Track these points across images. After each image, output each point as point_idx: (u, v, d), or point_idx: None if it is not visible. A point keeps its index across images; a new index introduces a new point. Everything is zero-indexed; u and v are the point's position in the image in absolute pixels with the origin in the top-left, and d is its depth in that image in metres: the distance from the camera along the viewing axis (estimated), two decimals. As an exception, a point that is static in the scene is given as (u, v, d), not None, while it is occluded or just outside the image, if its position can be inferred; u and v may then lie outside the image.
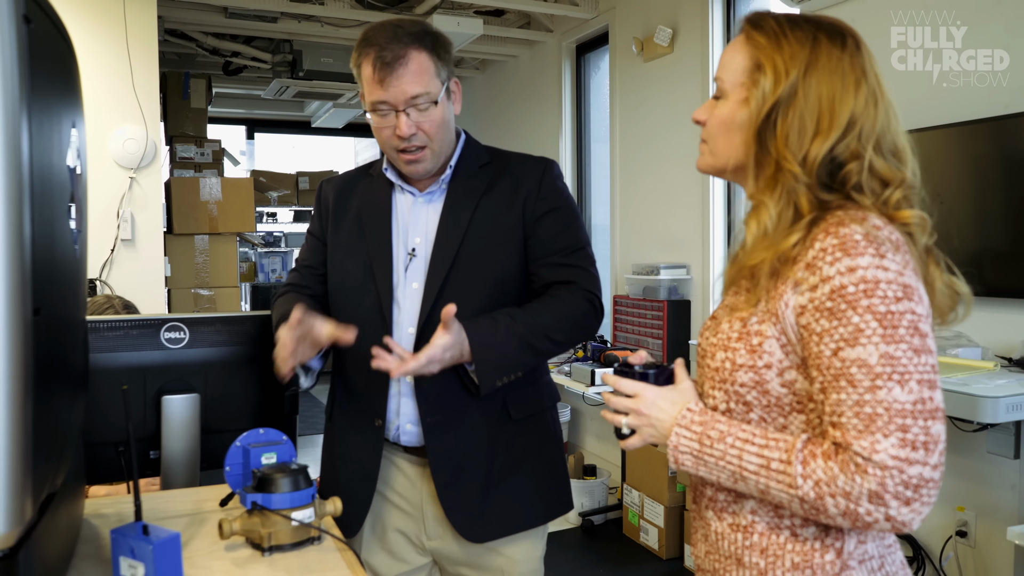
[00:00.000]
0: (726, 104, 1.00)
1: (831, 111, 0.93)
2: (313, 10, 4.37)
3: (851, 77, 0.95)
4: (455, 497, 1.43)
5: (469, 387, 1.41)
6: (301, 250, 1.63)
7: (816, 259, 0.89)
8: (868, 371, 0.85)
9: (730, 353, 0.96)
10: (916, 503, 0.83)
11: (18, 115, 0.65)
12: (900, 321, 0.85)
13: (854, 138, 0.93)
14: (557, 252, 1.46)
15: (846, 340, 0.86)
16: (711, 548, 1.03)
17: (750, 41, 0.99)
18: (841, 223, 0.89)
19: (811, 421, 0.93)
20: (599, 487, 3.89)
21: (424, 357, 1.30)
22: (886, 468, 0.82)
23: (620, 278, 4.26)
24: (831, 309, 0.87)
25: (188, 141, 4.78)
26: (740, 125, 0.98)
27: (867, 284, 0.86)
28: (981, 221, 2.42)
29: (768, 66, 0.95)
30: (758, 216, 0.95)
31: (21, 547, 0.69)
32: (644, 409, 1.00)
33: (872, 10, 2.79)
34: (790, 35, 0.96)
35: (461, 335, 1.33)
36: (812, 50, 0.95)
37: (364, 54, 1.38)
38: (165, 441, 1.35)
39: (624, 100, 4.25)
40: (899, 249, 0.89)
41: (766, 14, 1.01)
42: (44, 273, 0.74)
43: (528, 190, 1.47)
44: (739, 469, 0.92)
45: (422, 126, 1.39)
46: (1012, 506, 2.36)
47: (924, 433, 0.83)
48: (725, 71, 1.01)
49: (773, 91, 0.94)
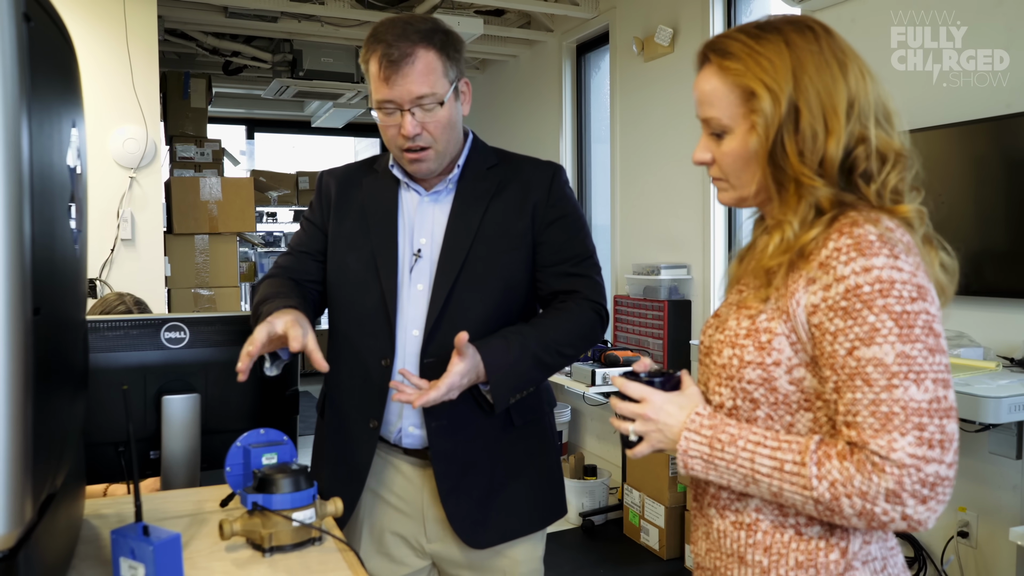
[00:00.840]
0: (734, 138, 0.97)
1: (832, 106, 0.92)
2: (313, 10, 4.37)
3: (834, 63, 0.94)
4: (458, 503, 1.42)
5: (483, 405, 1.40)
6: (296, 235, 1.58)
7: (830, 258, 0.89)
8: (884, 370, 0.85)
9: (738, 350, 0.96)
10: (932, 501, 0.83)
11: (18, 114, 0.64)
12: (916, 321, 0.85)
13: (856, 120, 0.93)
14: (566, 261, 1.45)
15: (861, 339, 0.86)
16: (712, 546, 1.02)
17: (725, 71, 0.96)
18: (855, 223, 0.89)
19: (818, 419, 0.93)
20: (599, 487, 3.88)
21: (444, 386, 1.28)
22: (904, 466, 0.82)
23: (620, 278, 4.25)
24: (846, 308, 0.87)
25: (188, 141, 4.78)
26: (756, 154, 0.96)
27: (882, 284, 0.86)
28: (982, 221, 2.42)
29: (760, 89, 0.93)
30: (781, 231, 0.94)
31: (21, 548, 0.69)
32: (651, 414, 0.99)
33: (872, 10, 2.79)
34: (762, 48, 0.94)
35: (476, 359, 1.31)
36: (791, 54, 0.93)
37: (372, 51, 1.36)
38: (165, 441, 1.34)
39: (624, 100, 4.24)
40: (911, 251, 0.89)
41: (723, 38, 0.98)
42: (44, 273, 0.73)
43: (538, 196, 1.45)
44: (751, 472, 0.91)
45: (427, 126, 1.37)
46: (1014, 506, 2.36)
47: (940, 432, 0.83)
48: (714, 108, 0.98)
49: (775, 111, 0.92)
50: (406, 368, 1.38)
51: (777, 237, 0.94)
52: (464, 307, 1.38)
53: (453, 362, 1.30)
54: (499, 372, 1.33)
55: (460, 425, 1.42)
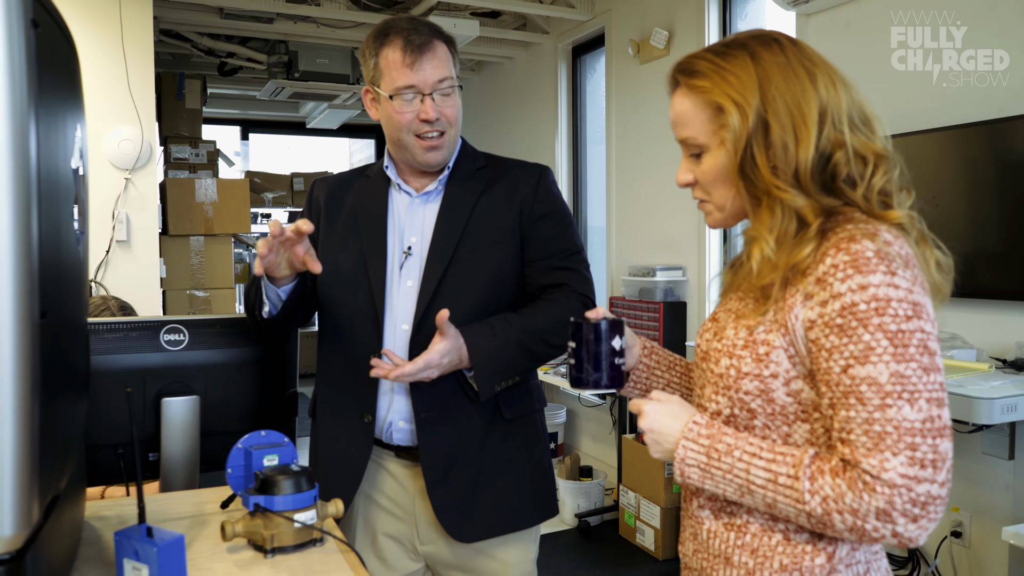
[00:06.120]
0: (710, 156, 0.99)
1: (802, 115, 0.92)
2: (309, 11, 4.37)
3: (803, 73, 0.94)
4: (444, 495, 1.43)
5: (468, 392, 1.42)
6: None
7: (827, 275, 0.88)
8: (878, 389, 0.85)
9: (735, 360, 0.96)
10: (923, 520, 0.83)
11: (26, 119, 0.65)
12: (910, 340, 0.85)
13: (830, 126, 0.93)
14: (553, 255, 1.47)
15: (856, 358, 0.86)
16: (700, 547, 1.03)
17: (693, 90, 0.98)
18: (852, 239, 0.89)
19: (815, 431, 0.93)
20: (595, 488, 3.89)
21: (422, 362, 1.31)
22: (895, 486, 0.83)
23: (616, 280, 4.26)
24: (841, 326, 0.87)
25: (183, 142, 4.77)
26: (729, 170, 0.97)
27: (878, 302, 0.86)
28: (975, 223, 2.44)
29: (727, 103, 0.94)
30: (759, 248, 0.94)
31: (28, 549, 0.69)
32: (644, 425, 1.00)
33: (872, 10, 2.81)
34: (727, 65, 0.95)
35: (459, 340, 1.33)
36: (757, 68, 0.94)
37: (388, 42, 1.42)
38: (165, 443, 1.34)
39: (620, 102, 4.26)
40: (908, 265, 0.89)
41: (690, 58, 1.00)
42: (50, 276, 0.74)
43: (525, 193, 1.48)
44: (746, 483, 0.92)
45: (444, 111, 1.43)
46: (1007, 506, 2.38)
47: (933, 451, 0.84)
48: (688, 128, 0.99)
49: (743, 125, 0.93)
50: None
51: (757, 254, 0.94)
52: (453, 301, 1.39)
53: (435, 341, 1.32)
54: (482, 355, 1.35)
55: (448, 417, 1.43)
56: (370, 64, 1.45)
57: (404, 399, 1.45)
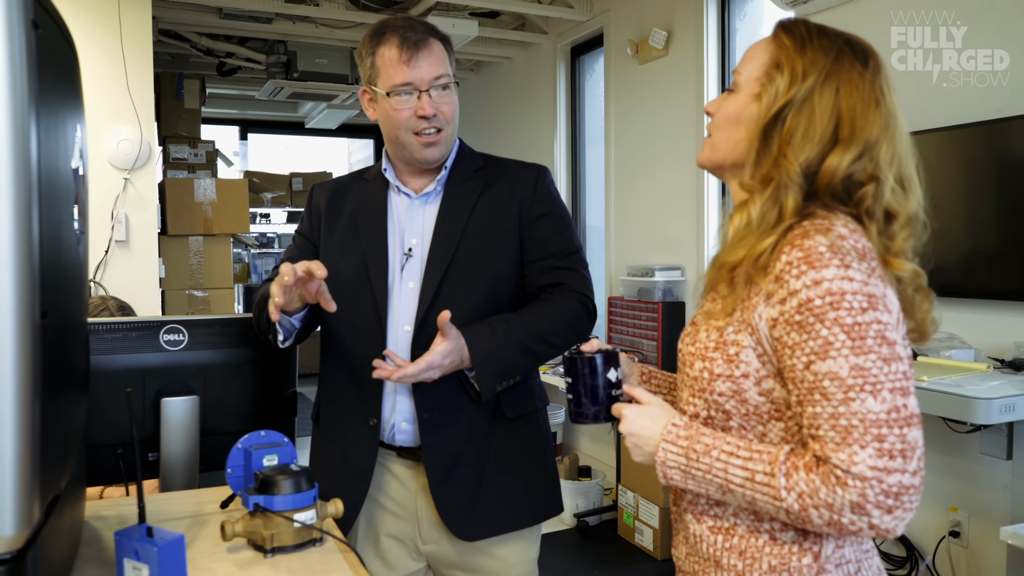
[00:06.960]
0: (736, 99, 1.01)
1: (852, 124, 0.93)
2: (308, 11, 4.37)
3: (871, 97, 0.95)
4: (447, 495, 1.43)
5: (470, 392, 1.42)
6: (287, 250, 1.62)
7: (783, 272, 0.89)
8: (840, 384, 0.85)
9: (708, 363, 0.97)
10: (898, 510, 0.84)
11: (27, 120, 0.65)
12: (867, 332, 0.85)
13: (870, 159, 0.93)
14: (552, 255, 1.48)
15: (816, 353, 0.87)
16: (691, 550, 1.04)
17: (776, 41, 1.00)
18: (806, 235, 0.89)
19: (790, 429, 0.94)
20: (594, 488, 3.89)
21: (423, 363, 1.31)
22: (865, 479, 0.83)
23: (615, 280, 4.27)
24: (800, 323, 0.88)
25: (182, 142, 4.77)
26: (746, 120, 0.99)
27: (833, 296, 0.86)
28: (974, 223, 2.44)
29: (787, 66, 0.96)
30: (746, 209, 0.95)
31: (29, 549, 0.69)
32: (624, 429, 1.01)
33: (872, 10, 2.81)
34: (816, 42, 0.97)
35: (460, 341, 1.34)
36: (835, 60, 0.95)
37: (384, 40, 1.43)
38: (164, 443, 1.35)
39: (619, 102, 4.26)
40: (864, 257, 0.89)
41: (800, 21, 1.02)
42: (51, 276, 0.74)
43: (524, 194, 1.49)
44: (725, 482, 0.92)
45: (441, 108, 1.44)
46: (1005, 506, 2.38)
47: (901, 441, 0.84)
48: (745, 66, 1.02)
49: (787, 91, 0.95)
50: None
51: (738, 218, 0.95)
52: (453, 301, 1.40)
53: (436, 341, 1.33)
54: (483, 355, 1.35)
55: (451, 417, 1.43)
56: (367, 63, 1.45)
57: (407, 400, 1.45)
